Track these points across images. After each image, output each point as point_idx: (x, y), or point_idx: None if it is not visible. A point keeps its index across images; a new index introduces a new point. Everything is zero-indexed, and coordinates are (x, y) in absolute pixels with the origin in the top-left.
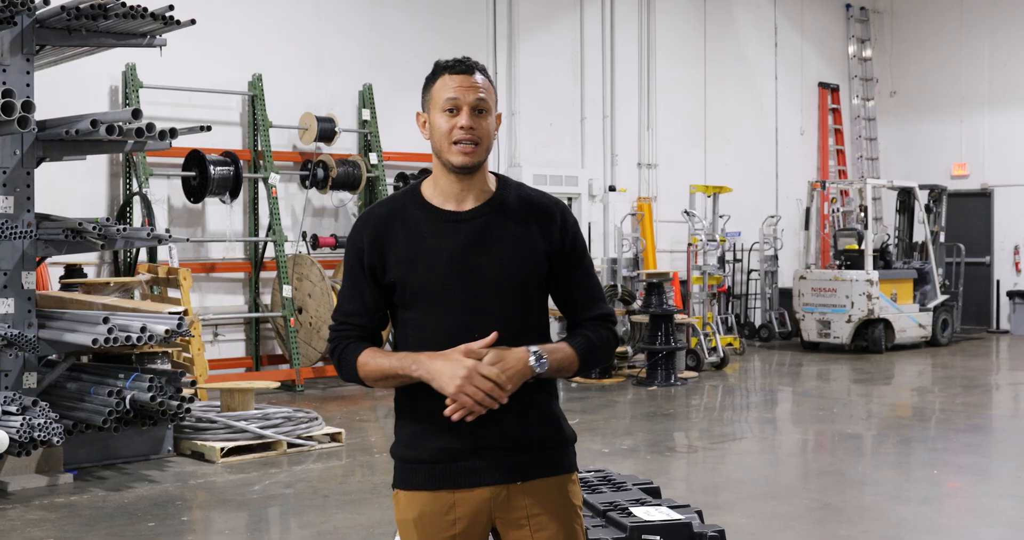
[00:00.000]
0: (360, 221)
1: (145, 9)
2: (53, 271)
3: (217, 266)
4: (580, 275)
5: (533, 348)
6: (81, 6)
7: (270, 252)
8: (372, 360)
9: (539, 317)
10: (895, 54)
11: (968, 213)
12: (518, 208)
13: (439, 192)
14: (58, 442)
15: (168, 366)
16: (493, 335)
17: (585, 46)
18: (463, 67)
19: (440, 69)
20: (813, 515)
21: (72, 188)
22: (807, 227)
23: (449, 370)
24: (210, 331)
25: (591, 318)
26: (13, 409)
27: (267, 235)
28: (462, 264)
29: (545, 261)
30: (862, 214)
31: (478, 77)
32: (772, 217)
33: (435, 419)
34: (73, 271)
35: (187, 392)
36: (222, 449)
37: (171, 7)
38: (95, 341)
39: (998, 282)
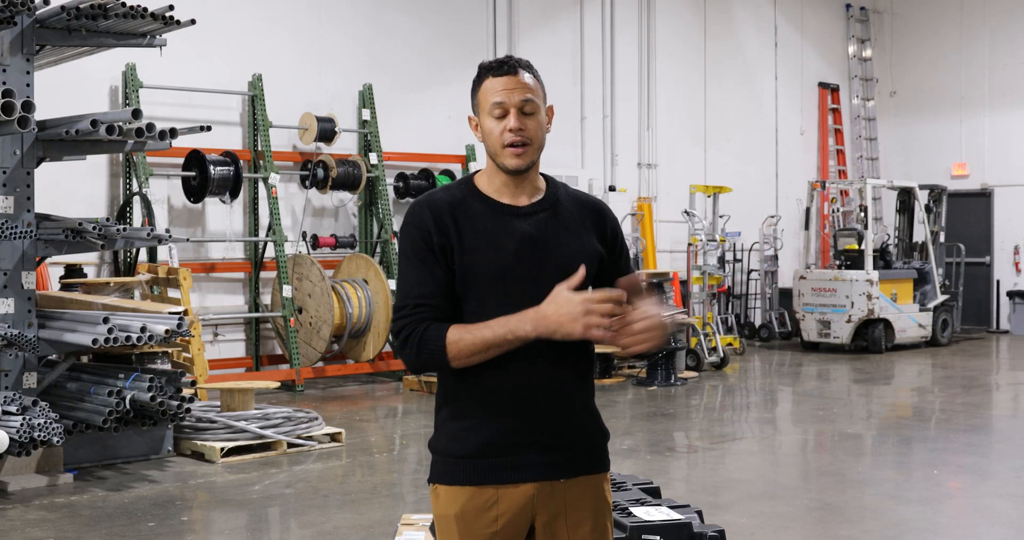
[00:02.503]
0: (418, 205)
1: (145, 9)
2: (53, 271)
3: (217, 266)
4: (629, 266)
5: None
6: (81, 6)
7: (270, 252)
8: (467, 334)
9: None
10: (895, 54)
11: (968, 213)
12: (571, 206)
13: (494, 188)
14: (58, 442)
15: (168, 366)
16: (582, 269)
17: (585, 46)
18: (506, 68)
19: (484, 71)
20: (813, 515)
21: (72, 188)
22: (807, 227)
23: (567, 312)
24: (210, 331)
25: None
26: (13, 409)
27: (267, 235)
28: (528, 256)
29: (598, 258)
30: (862, 214)
31: (523, 76)
32: (772, 217)
33: (481, 413)
34: (73, 271)
35: (187, 392)
36: (222, 449)
37: (171, 7)
38: (95, 341)
39: (998, 282)
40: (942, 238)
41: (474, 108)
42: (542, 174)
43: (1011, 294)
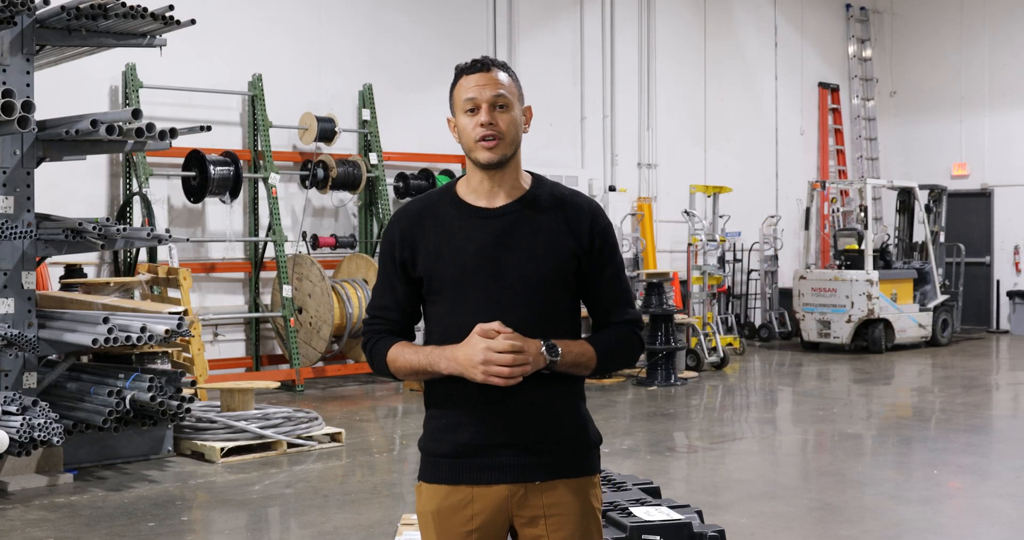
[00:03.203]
0: (394, 218)
1: (145, 9)
2: (53, 271)
3: (217, 266)
4: (609, 277)
5: (547, 341)
6: (81, 6)
7: (270, 252)
8: (401, 356)
9: (567, 317)
10: (895, 54)
11: (968, 213)
12: (550, 206)
13: (471, 190)
14: (58, 442)
15: (168, 366)
16: (496, 324)
17: (585, 46)
18: (479, 66)
19: (459, 72)
20: (813, 515)
21: (72, 188)
22: (807, 227)
23: (469, 358)
24: (210, 331)
25: (618, 322)
26: (13, 409)
27: (267, 235)
28: (489, 259)
29: (573, 260)
30: (862, 214)
31: (495, 73)
32: (772, 217)
33: (461, 414)
34: (73, 271)
35: (187, 392)
36: (222, 449)
37: (171, 7)
38: (95, 341)
39: (998, 282)
40: (942, 238)
41: (451, 109)
42: (533, 174)
43: (1011, 294)
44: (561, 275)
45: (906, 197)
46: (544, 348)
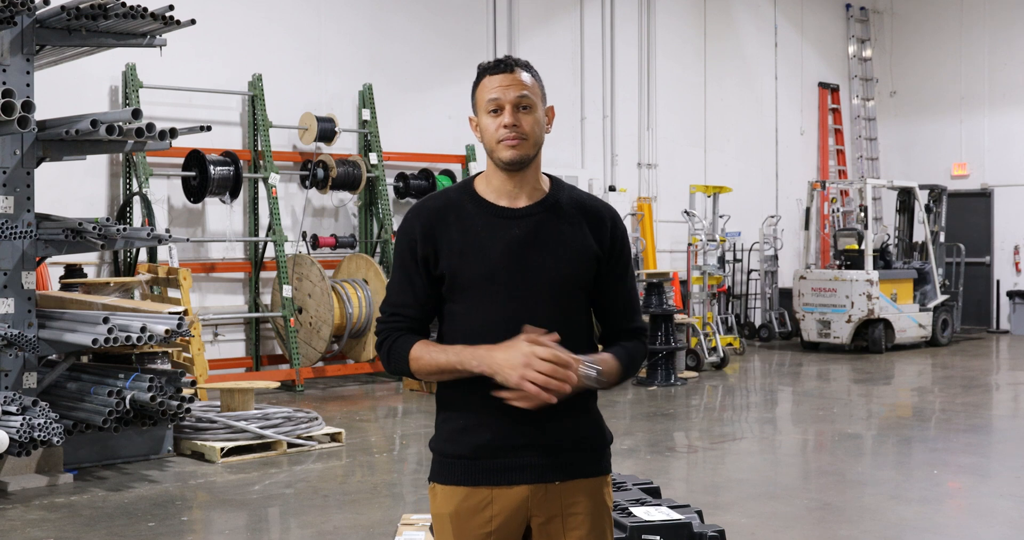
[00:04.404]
0: (412, 213)
1: (145, 9)
2: (53, 271)
3: (217, 266)
4: (623, 284)
5: (586, 358)
6: (81, 6)
7: (270, 252)
8: (426, 354)
9: (584, 320)
10: (895, 54)
11: (968, 213)
12: (571, 209)
13: (492, 189)
14: (58, 442)
15: (168, 366)
16: (555, 335)
17: (585, 46)
18: (502, 66)
19: (482, 71)
20: (813, 515)
21: (72, 188)
22: (807, 227)
23: (509, 359)
24: (210, 331)
25: (628, 330)
26: (13, 409)
27: (267, 235)
28: (515, 259)
29: (595, 263)
30: (862, 214)
31: (519, 74)
32: (772, 217)
33: (478, 415)
34: (73, 271)
35: (187, 392)
36: (222, 449)
37: (171, 7)
38: (95, 341)
39: (998, 282)
40: (942, 238)
41: (474, 108)
42: (550, 176)
43: (1011, 294)
44: (584, 277)
45: (906, 197)
46: (587, 369)
